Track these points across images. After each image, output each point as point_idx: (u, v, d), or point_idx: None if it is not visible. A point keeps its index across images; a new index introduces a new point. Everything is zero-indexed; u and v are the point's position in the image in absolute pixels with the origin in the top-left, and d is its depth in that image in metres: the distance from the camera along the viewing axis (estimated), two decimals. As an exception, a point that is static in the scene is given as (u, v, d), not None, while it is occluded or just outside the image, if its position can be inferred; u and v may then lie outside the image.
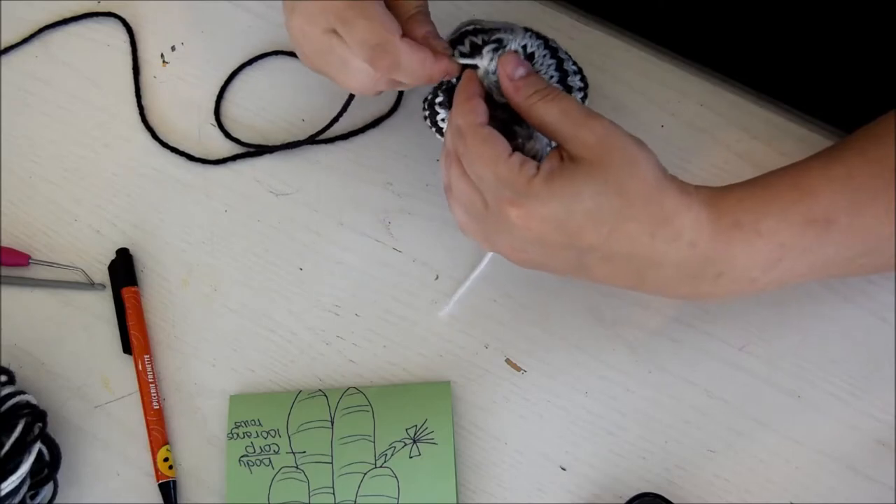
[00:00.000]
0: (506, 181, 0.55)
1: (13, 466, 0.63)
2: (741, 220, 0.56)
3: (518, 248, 0.58)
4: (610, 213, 0.54)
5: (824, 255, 0.57)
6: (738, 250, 0.56)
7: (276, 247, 0.73)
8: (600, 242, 0.55)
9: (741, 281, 0.57)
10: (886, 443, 0.64)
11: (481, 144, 0.57)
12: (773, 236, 0.56)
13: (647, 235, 0.55)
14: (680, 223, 0.55)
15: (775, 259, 0.56)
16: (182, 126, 0.77)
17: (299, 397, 0.68)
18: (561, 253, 0.56)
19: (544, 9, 0.76)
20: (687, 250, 0.55)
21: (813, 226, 0.56)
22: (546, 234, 0.55)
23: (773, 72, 0.75)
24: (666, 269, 0.56)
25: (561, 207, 0.54)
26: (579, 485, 0.65)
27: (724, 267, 0.56)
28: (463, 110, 0.59)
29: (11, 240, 0.75)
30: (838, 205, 0.56)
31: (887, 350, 0.66)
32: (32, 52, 0.80)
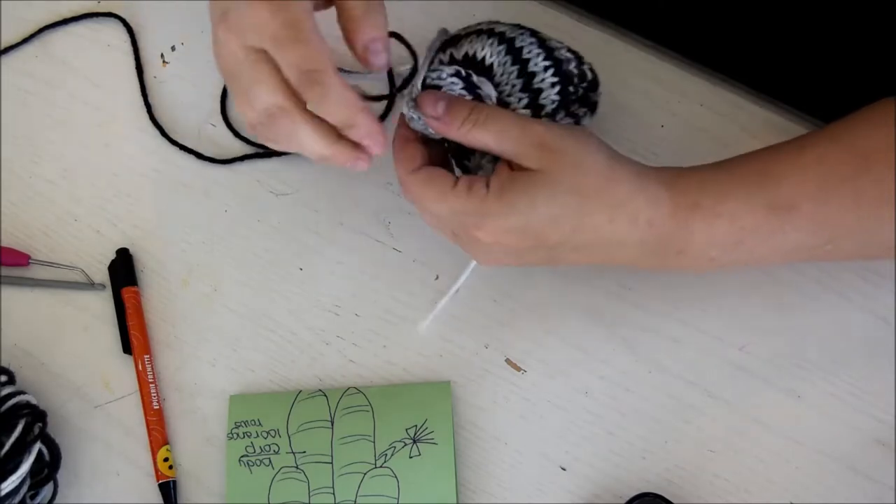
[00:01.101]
0: (461, 210, 0.58)
1: (13, 466, 0.63)
2: (700, 201, 0.57)
3: (494, 258, 0.61)
4: (568, 213, 0.57)
5: (787, 240, 0.57)
6: (696, 229, 0.57)
7: (276, 247, 0.73)
8: (565, 238, 0.57)
9: (701, 258, 0.59)
10: (886, 443, 0.64)
11: (423, 188, 0.59)
12: (733, 219, 0.57)
13: (607, 222, 0.57)
14: (635, 205, 0.57)
15: (735, 241, 0.57)
16: (182, 126, 0.77)
17: (299, 397, 0.68)
18: (532, 253, 0.59)
19: (544, 9, 0.76)
20: (646, 229, 0.57)
21: (776, 212, 0.57)
22: (513, 243, 0.58)
23: (773, 72, 0.75)
24: (630, 248, 0.58)
25: (520, 218, 0.57)
26: (579, 485, 0.65)
27: (684, 245, 0.58)
28: (398, 160, 0.61)
29: (11, 240, 0.75)
30: (804, 191, 0.57)
31: (887, 350, 0.66)
32: (32, 52, 0.80)
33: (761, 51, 0.78)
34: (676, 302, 0.68)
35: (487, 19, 0.66)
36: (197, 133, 0.76)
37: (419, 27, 0.77)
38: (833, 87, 0.75)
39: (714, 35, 0.78)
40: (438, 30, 0.63)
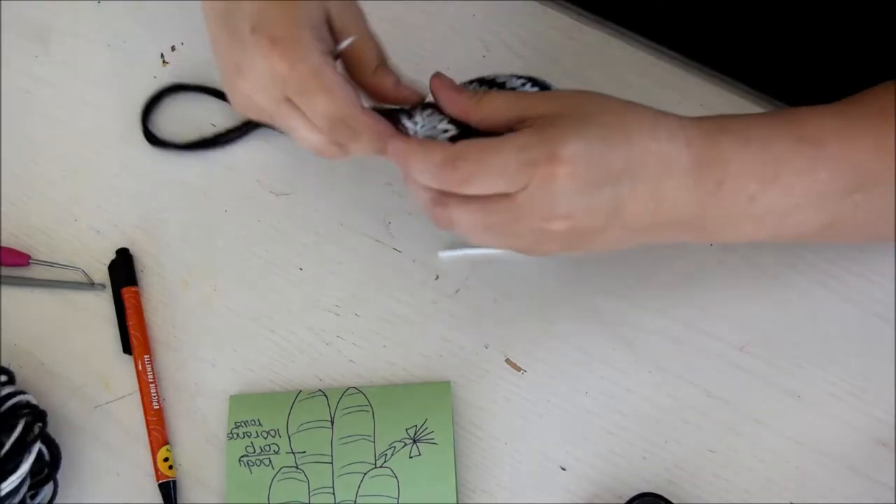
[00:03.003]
0: (528, 146, 0.53)
1: (13, 466, 0.63)
2: (726, 126, 0.57)
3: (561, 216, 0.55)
4: (615, 130, 0.55)
5: (818, 179, 0.56)
6: (729, 152, 0.56)
7: (276, 247, 0.73)
8: (625, 160, 0.54)
9: (740, 194, 0.56)
10: (886, 443, 0.64)
11: (481, 147, 0.55)
12: (764, 146, 0.56)
13: (652, 140, 0.55)
14: (667, 125, 0.56)
15: (771, 174, 0.56)
16: (182, 126, 0.77)
17: (299, 397, 0.68)
18: (598, 197, 0.54)
19: (545, 9, 0.76)
20: (686, 150, 0.55)
21: (804, 143, 0.56)
22: (585, 171, 0.53)
23: (773, 72, 0.75)
24: (675, 176, 0.55)
25: (582, 141, 0.53)
26: (579, 485, 0.65)
27: (722, 172, 0.56)
28: (428, 153, 0.56)
29: (11, 240, 0.75)
30: (828, 127, 0.57)
31: (887, 350, 0.66)
32: (32, 52, 0.80)
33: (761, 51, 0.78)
34: (676, 302, 0.68)
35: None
36: (198, 132, 0.76)
37: (419, 27, 0.77)
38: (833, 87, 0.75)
39: (714, 35, 0.78)
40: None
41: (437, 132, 0.58)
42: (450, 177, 0.55)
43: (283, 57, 0.56)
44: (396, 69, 0.61)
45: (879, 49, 0.74)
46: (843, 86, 0.68)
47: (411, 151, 0.57)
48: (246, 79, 0.58)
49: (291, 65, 0.56)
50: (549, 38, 0.75)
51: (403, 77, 0.61)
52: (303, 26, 0.57)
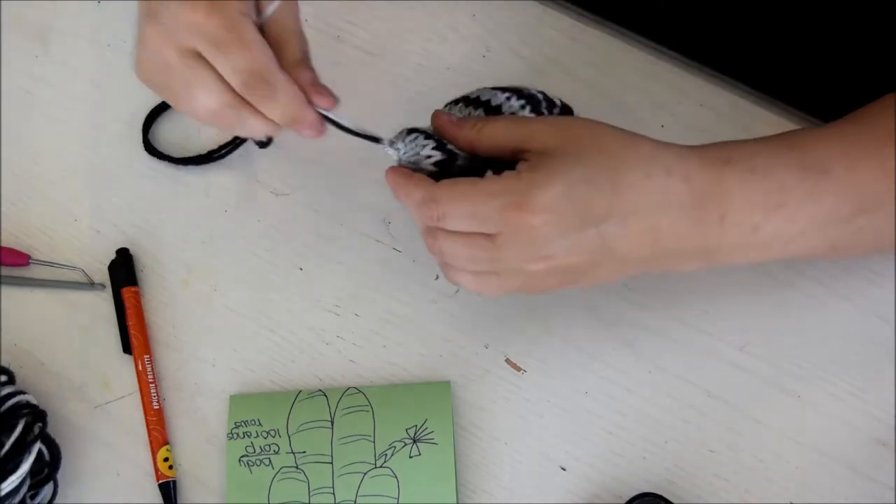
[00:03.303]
0: (500, 191, 0.54)
1: (13, 466, 0.63)
2: (731, 156, 0.56)
3: (543, 257, 0.55)
4: (603, 170, 0.54)
5: (823, 206, 0.56)
6: (732, 185, 0.55)
7: (276, 247, 0.73)
8: (609, 204, 0.54)
9: (744, 225, 0.56)
10: (886, 443, 0.64)
11: (452, 191, 0.56)
12: (768, 175, 0.55)
13: (644, 178, 0.54)
14: (665, 159, 0.55)
15: (775, 203, 0.56)
16: (182, 125, 0.77)
17: (299, 397, 0.68)
18: (581, 238, 0.54)
19: (545, 9, 0.76)
20: (683, 186, 0.55)
21: (808, 171, 0.56)
22: (562, 216, 0.54)
23: (773, 72, 0.75)
24: (672, 212, 0.55)
25: (561, 184, 0.54)
26: (579, 485, 0.65)
27: (724, 207, 0.55)
28: (410, 189, 0.57)
29: (11, 240, 0.75)
30: (832, 155, 0.56)
31: (887, 350, 0.66)
32: (32, 52, 0.80)
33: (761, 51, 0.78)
34: (676, 302, 0.68)
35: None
36: (197, 132, 0.76)
37: (419, 27, 0.77)
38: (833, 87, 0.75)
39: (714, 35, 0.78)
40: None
41: (420, 158, 0.59)
42: (427, 214, 0.56)
43: (203, 5, 0.54)
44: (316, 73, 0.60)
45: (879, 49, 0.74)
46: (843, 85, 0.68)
47: (397, 186, 0.58)
48: (160, 23, 0.56)
49: (208, 14, 0.54)
50: (549, 38, 0.75)
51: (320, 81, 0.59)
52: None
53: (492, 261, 0.56)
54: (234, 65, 0.55)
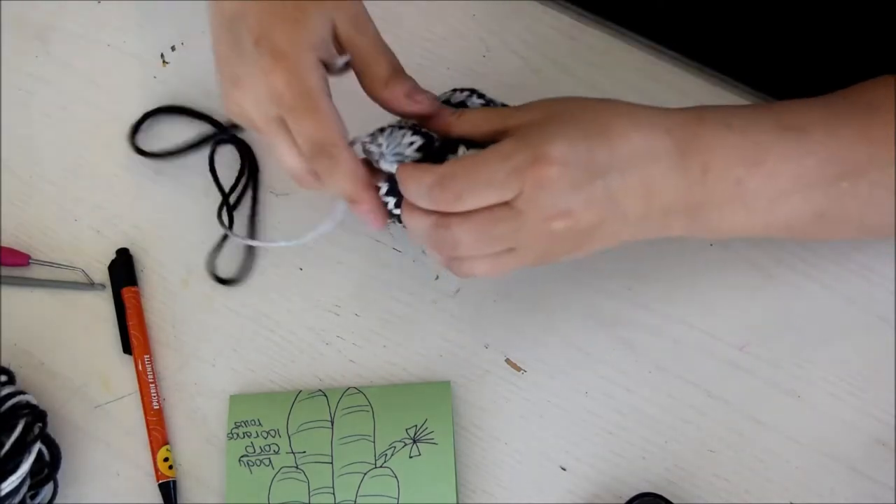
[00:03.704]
0: (512, 153, 0.54)
1: (13, 466, 0.63)
2: (704, 115, 0.57)
3: (562, 212, 0.55)
4: (594, 126, 0.55)
5: (804, 165, 0.56)
6: (711, 140, 0.56)
7: (275, 246, 0.73)
8: (609, 155, 0.55)
9: (727, 179, 0.56)
10: (886, 443, 0.64)
11: (464, 163, 0.55)
12: (745, 132, 0.56)
13: (633, 129, 0.56)
14: (646, 113, 0.56)
15: (754, 158, 0.56)
16: (181, 126, 0.77)
17: (299, 397, 0.68)
18: (594, 189, 0.55)
19: (545, 9, 0.76)
20: (667, 137, 0.56)
21: (787, 130, 0.56)
22: (573, 168, 0.54)
23: (773, 72, 0.75)
24: (663, 161, 0.56)
25: (563, 140, 0.54)
26: (579, 485, 0.65)
27: (706, 157, 0.56)
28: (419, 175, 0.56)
29: (11, 240, 0.75)
30: (810, 118, 0.57)
31: (887, 350, 0.66)
32: (32, 52, 0.80)
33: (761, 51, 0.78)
34: (676, 302, 0.68)
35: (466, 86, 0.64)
36: (197, 132, 0.76)
37: (419, 27, 0.77)
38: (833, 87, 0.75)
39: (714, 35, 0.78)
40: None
41: (403, 147, 0.59)
42: (442, 196, 0.55)
43: (282, 75, 0.56)
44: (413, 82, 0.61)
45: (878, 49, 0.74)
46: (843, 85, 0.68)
47: (407, 177, 0.57)
48: (242, 90, 0.58)
49: (288, 83, 0.56)
50: (549, 38, 0.75)
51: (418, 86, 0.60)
52: (306, 46, 0.57)
53: (511, 232, 0.56)
54: (304, 134, 0.57)
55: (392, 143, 0.59)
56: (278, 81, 0.56)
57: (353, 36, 0.59)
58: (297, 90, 0.56)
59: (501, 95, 0.74)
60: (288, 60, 0.56)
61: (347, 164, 0.57)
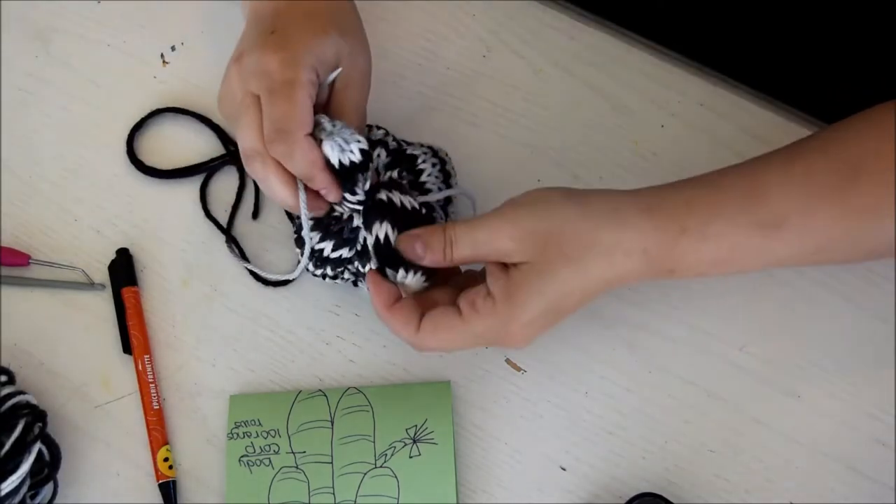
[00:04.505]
0: (482, 332, 0.58)
1: (13, 466, 0.63)
2: (687, 224, 0.58)
3: (524, 344, 0.60)
4: (574, 282, 0.58)
5: (775, 254, 0.58)
6: (686, 252, 0.58)
7: (275, 246, 0.73)
8: (581, 298, 0.59)
9: (690, 274, 0.59)
10: (886, 443, 0.64)
11: (439, 339, 0.59)
12: (720, 239, 0.57)
13: (609, 267, 0.58)
14: (625, 244, 0.57)
15: (724, 259, 0.58)
16: (182, 126, 0.77)
17: (299, 397, 0.68)
18: (557, 320, 0.60)
19: (545, 9, 0.76)
20: (642, 258, 0.58)
21: (763, 230, 0.57)
22: (540, 326, 0.59)
23: (773, 72, 0.75)
24: (631, 277, 0.59)
25: (536, 308, 0.58)
26: (579, 485, 0.65)
27: (674, 265, 0.58)
28: (397, 329, 0.60)
29: (11, 240, 0.75)
30: (791, 205, 0.57)
31: (887, 350, 0.66)
32: (32, 52, 0.80)
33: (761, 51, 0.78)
34: (676, 302, 0.68)
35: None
36: (196, 133, 0.76)
37: (419, 27, 0.77)
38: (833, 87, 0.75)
39: (714, 35, 0.78)
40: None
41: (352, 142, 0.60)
42: (417, 347, 0.61)
43: (278, 59, 0.60)
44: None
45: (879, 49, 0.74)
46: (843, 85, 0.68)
47: (383, 320, 0.61)
48: (239, 64, 0.62)
49: (279, 67, 0.60)
50: (549, 38, 0.75)
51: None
52: (310, 51, 0.61)
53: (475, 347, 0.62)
54: (272, 116, 0.60)
55: (346, 132, 0.60)
56: (272, 62, 0.60)
57: (346, 84, 0.64)
58: (284, 76, 0.60)
59: (501, 95, 0.74)
60: (288, 52, 0.61)
61: (303, 149, 0.60)
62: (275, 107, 0.60)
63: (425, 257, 0.60)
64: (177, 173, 0.75)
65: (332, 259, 0.65)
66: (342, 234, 0.64)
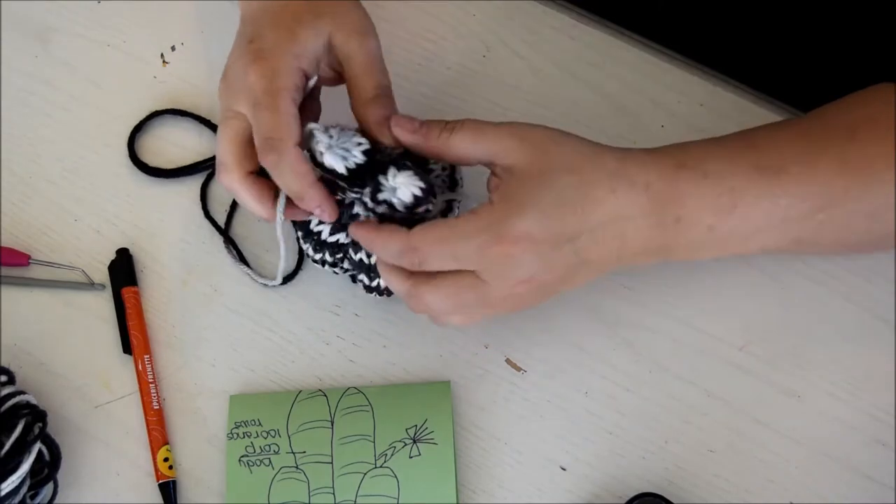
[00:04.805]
0: (475, 231, 0.56)
1: (13, 466, 0.63)
2: (685, 161, 0.58)
3: (525, 277, 0.57)
4: (572, 192, 0.56)
5: (778, 205, 0.57)
6: (687, 189, 0.57)
7: (276, 246, 0.73)
8: (580, 221, 0.57)
9: (699, 226, 0.58)
10: (886, 443, 0.64)
11: (428, 236, 0.57)
12: (720, 179, 0.57)
13: (610, 193, 0.57)
14: (628, 171, 0.57)
15: (727, 205, 0.57)
16: (181, 126, 0.77)
17: (299, 397, 0.68)
18: (558, 256, 0.57)
19: (545, 9, 0.76)
20: (644, 193, 0.57)
21: (763, 172, 0.57)
22: (538, 241, 0.56)
23: (773, 72, 0.75)
24: (637, 220, 0.57)
25: (533, 211, 0.56)
26: (579, 485, 0.65)
27: (680, 209, 0.57)
28: (385, 241, 0.59)
29: (11, 240, 0.75)
30: (788, 154, 0.57)
31: (887, 350, 0.66)
32: (32, 52, 0.80)
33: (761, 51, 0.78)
34: (676, 302, 0.68)
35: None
36: (198, 134, 0.76)
37: (419, 27, 0.77)
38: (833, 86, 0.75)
39: (714, 35, 0.78)
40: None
41: (351, 145, 0.59)
42: (409, 260, 0.58)
43: (257, 71, 0.60)
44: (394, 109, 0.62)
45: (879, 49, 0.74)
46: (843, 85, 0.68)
47: (371, 239, 0.60)
48: (226, 80, 0.63)
49: (260, 80, 0.60)
50: (549, 38, 0.75)
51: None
52: (288, 52, 0.61)
53: (478, 297, 0.58)
54: (259, 128, 0.60)
55: (343, 138, 0.60)
56: (252, 76, 0.60)
57: (347, 50, 0.62)
58: (265, 87, 0.60)
59: (502, 95, 0.74)
60: (266, 61, 0.60)
61: (292, 160, 0.59)
62: (261, 120, 0.60)
63: (415, 132, 0.59)
64: (177, 172, 0.75)
65: (329, 243, 0.65)
66: (340, 219, 0.63)
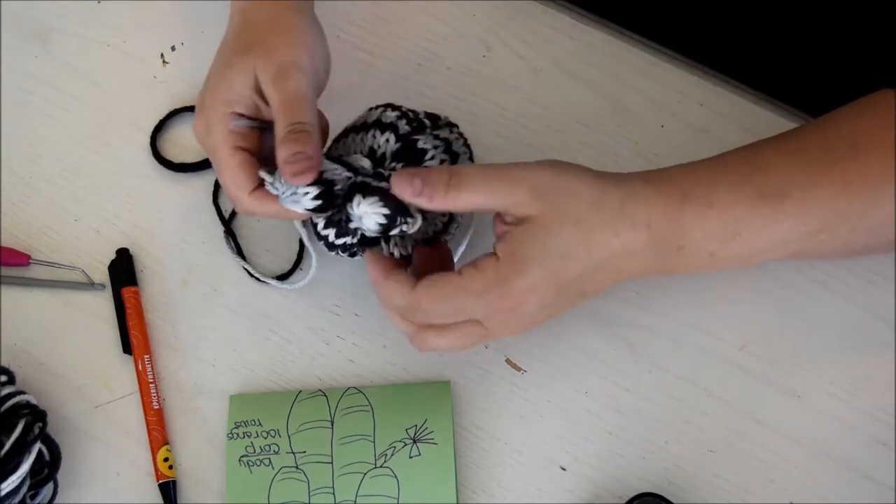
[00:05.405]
0: (482, 289, 0.57)
1: (13, 466, 0.63)
2: (690, 192, 0.58)
3: (527, 322, 0.59)
4: (577, 244, 0.57)
5: (781, 229, 0.58)
6: (691, 221, 0.58)
7: (275, 247, 0.73)
8: (583, 268, 0.58)
9: (701, 253, 0.59)
10: (886, 443, 0.64)
11: (436, 296, 0.58)
12: (726, 209, 0.58)
13: (613, 236, 0.57)
14: (630, 212, 0.57)
15: (731, 233, 0.58)
16: (181, 127, 0.77)
17: (299, 397, 0.68)
18: (561, 298, 0.59)
19: (545, 9, 0.76)
20: (647, 232, 0.58)
21: (766, 200, 0.57)
22: (542, 294, 0.57)
23: (773, 72, 0.75)
24: (638, 255, 0.58)
25: (539, 268, 0.57)
26: (579, 485, 0.65)
27: (683, 240, 0.58)
28: (390, 295, 0.60)
29: (11, 240, 0.75)
30: (791, 178, 0.58)
31: (887, 351, 0.66)
32: (32, 52, 0.80)
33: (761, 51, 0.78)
34: (676, 302, 0.68)
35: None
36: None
37: (419, 27, 0.77)
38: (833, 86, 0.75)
39: (714, 35, 0.78)
40: None
41: (298, 196, 0.60)
42: (413, 317, 0.60)
43: (200, 126, 0.64)
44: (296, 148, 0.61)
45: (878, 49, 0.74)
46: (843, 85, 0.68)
47: (377, 285, 0.61)
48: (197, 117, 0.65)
49: (203, 134, 0.64)
50: (549, 38, 0.75)
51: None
52: (219, 101, 0.63)
53: (482, 337, 0.60)
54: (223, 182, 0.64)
55: (289, 190, 0.60)
56: (197, 130, 0.65)
57: (267, 91, 0.62)
58: (207, 143, 0.64)
59: (502, 95, 0.74)
60: (203, 113, 0.64)
61: (254, 208, 0.63)
62: (218, 175, 0.64)
63: (420, 195, 0.57)
64: (198, 166, 0.75)
65: (337, 245, 0.64)
66: (341, 224, 0.63)
